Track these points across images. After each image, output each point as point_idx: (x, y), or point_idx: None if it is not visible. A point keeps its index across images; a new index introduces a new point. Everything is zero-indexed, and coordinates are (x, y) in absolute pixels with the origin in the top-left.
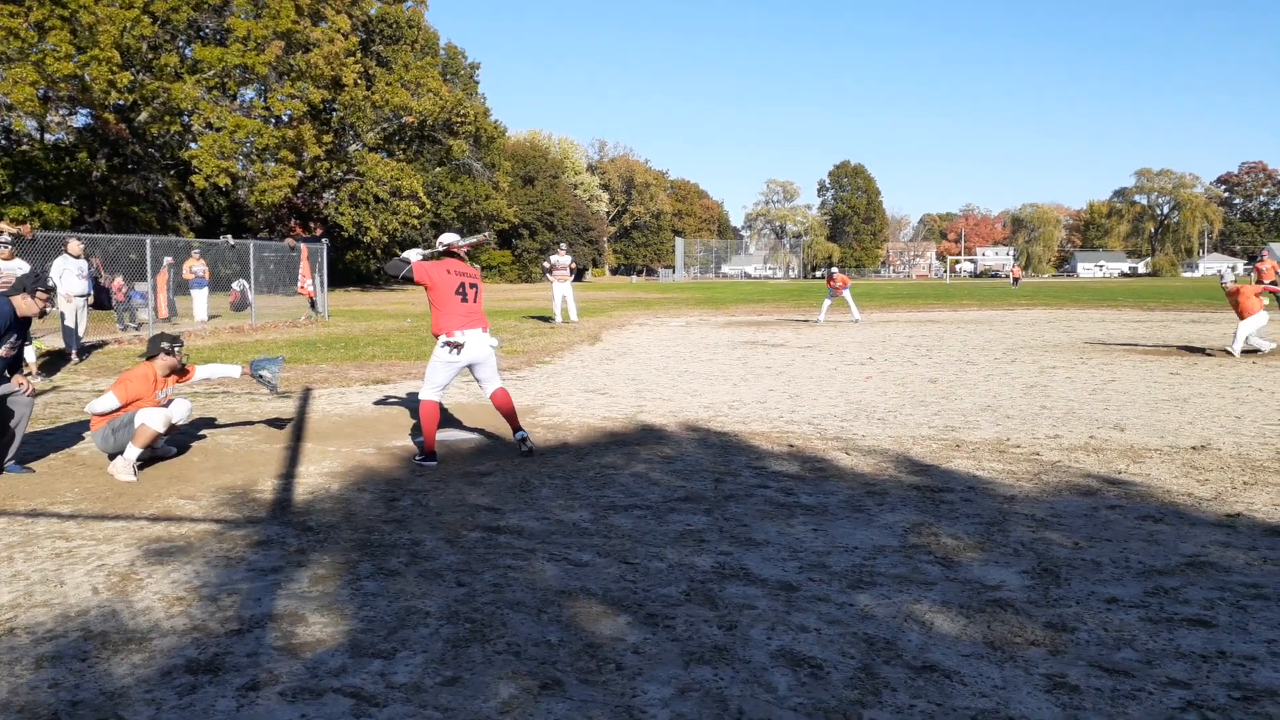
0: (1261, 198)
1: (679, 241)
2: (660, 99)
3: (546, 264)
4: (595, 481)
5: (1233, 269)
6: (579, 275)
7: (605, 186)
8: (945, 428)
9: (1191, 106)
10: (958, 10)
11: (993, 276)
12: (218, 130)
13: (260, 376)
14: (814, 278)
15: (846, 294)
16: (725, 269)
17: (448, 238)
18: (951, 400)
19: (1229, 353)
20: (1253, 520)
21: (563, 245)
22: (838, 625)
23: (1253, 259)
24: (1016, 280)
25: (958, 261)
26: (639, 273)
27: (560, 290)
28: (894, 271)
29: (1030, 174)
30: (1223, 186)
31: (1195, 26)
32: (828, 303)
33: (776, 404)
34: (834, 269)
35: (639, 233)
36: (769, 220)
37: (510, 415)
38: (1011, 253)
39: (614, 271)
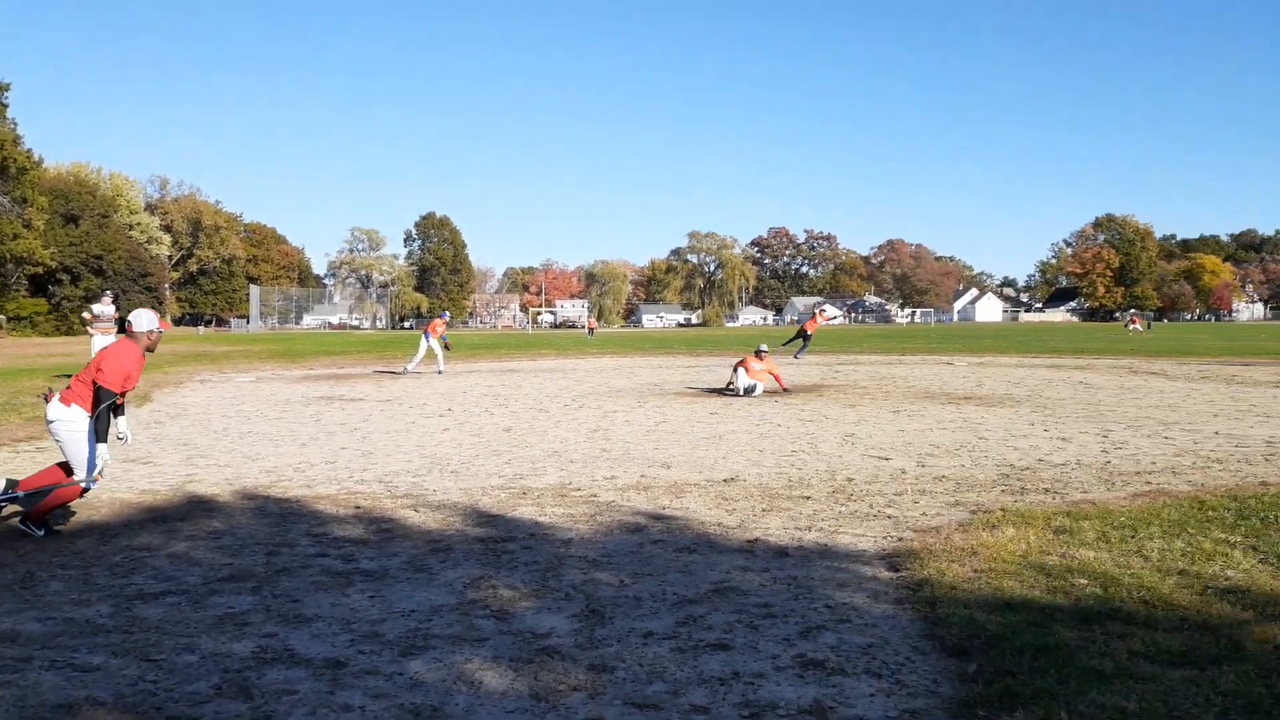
0: (785, 258)
1: (254, 289)
2: (233, 136)
3: (87, 314)
4: (122, 567)
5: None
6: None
7: (167, 228)
8: (514, 475)
9: (733, 174)
10: (536, 72)
11: (570, 327)
12: None
13: None
14: (403, 328)
15: (435, 343)
16: (307, 319)
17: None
18: (523, 448)
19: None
20: (768, 544)
21: (108, 293)
22: (384, 699)
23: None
24: (591, 330)
25: (539, 313)
26: (208, 323)
27: (102, 345)
28: (481, 322)
29: (602, 232)
30: (756, 248)
31: (736, 102)
32: (421, 352)
33: (348, 463)
34: (446, 315)
35: (208, 279)
36: (354, 269)
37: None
38: (586, 305)
39: (178, 322)
